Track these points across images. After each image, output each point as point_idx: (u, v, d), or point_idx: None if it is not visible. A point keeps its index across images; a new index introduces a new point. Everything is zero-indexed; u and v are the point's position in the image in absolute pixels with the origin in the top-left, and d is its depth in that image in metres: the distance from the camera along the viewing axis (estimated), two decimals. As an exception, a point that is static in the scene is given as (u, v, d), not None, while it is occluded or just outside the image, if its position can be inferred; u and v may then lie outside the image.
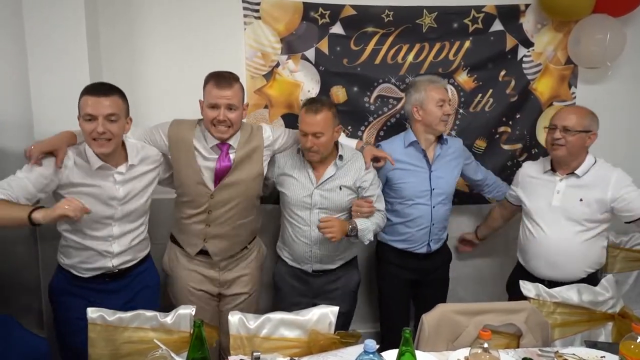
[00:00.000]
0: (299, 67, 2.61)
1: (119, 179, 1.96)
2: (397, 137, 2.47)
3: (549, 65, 2.75)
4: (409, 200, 2.37)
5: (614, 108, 2.84)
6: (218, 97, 2.00)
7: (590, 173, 2.18)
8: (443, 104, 2.32)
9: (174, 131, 2.12)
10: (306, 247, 2.24)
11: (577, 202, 2.17)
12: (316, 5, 2.56)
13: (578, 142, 2.15)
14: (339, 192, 2.19)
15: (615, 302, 2.02)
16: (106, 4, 2.45)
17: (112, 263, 2.02)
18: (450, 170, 2.43)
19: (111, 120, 1.84)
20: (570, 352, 1.71)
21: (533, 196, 2.29)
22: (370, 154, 2.27)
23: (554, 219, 2.20)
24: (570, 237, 2.18)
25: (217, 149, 2.10)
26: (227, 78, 2.03)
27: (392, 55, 2.65)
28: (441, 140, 2.41)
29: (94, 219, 1.94)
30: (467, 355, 1.51)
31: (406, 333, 1.42)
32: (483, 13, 2.66)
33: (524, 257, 2.33)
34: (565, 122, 2.16)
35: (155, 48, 2.53)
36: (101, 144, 1.86)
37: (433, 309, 1.85)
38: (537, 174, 2.31)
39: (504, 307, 1.87)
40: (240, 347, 1.75)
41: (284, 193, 2.24)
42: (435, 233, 2.42)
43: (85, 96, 1.84)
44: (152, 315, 1.77)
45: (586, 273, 2.22)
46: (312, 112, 2.09)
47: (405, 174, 2.36)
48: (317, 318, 1.78)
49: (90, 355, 1.76)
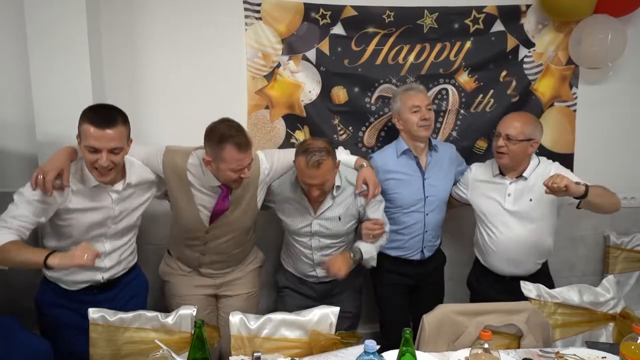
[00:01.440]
0: (300, 67, 2.61)
1: (115, 197, 1.94)
2: (389, 146, 2.47)
3: (550, 66, 2.74)
4: (404, 208, 2.37)
5: (615, 108, 2.85)
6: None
7: (535, 173, 2.27)
8: (418, 110, 2.31)
9: (168, 162, 2.05)
10: (309, 267, 2.25)
11: (528, 203, 2.26)
12: (317, 6, 2.56)
13: (520, 150, 2.22)
14: (338, 222, 2.17)
15: (617, 302, 2.02)
16: (107, 5, 2.45)
17: (102, 277, 2.01)
18: (443, 177, 2.43)
19: (115, 153, 1.81)
20: (571, 353, 1.71)
21: (484, 199, 2.36)
22: (362, 178, 2.17)
23: (507, 220, 2.29)
24: (525, 235, 2.27)
25: (218, 189, 2.04)
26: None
27: (393, 56, 2.65)
28: (431, 147, 2.41)
29: (85, 238, 1.91)
30: (468, 355, 1.51)
31: (406, 333, 1.42)
32: (484, 13, 2.65)
33: (483, 257, 2.40)
34: (508, 130, 2.22)
35: (156, 49, 2.53)
36: (103, 174, 1.84)
37: (434, 309, 1.85)
38: (487, 177, 2.37)
39: (505, 308, 1.87)
40: (241, 347, 1.75)
41: (284, 220, 2.23)
42: (428, 240, 2.42)
43: (87, 125, 1.77)
44: (153, 315, 1.78)
45: (540, 264, 2.35)
46: (315, 168, 1.98)
47: (399, 184, 2.36)
48: (318, 318, 1.79)
49: (91, 355, 1.76)
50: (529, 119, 2.28)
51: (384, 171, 2.36)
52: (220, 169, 1.93)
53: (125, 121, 1.85)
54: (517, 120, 2.24)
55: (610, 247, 2.87)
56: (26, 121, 2.39)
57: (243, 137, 1.91)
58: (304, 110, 2.65)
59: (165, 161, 2.05)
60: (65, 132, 2.18)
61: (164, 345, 1.62)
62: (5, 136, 2.47)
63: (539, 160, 2.31)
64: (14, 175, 2.49)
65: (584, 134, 2.84)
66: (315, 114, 2.64)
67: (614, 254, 2.85)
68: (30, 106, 2.33)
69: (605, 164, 2.87)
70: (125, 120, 1.86)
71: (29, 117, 2.36)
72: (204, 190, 2.05)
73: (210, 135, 1.93)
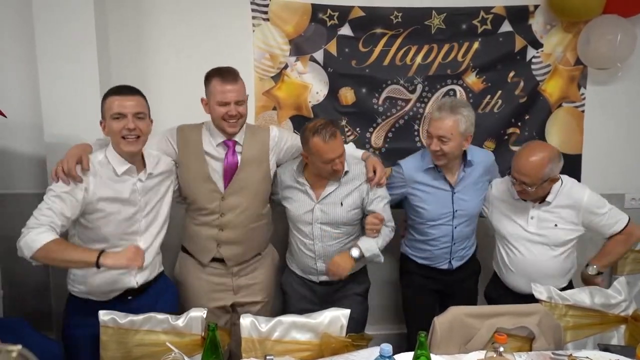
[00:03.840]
0: (307, 68, 2.61)
1: (139, 187, 1.93)
2: (415, 156, 2.34)
3: (558, 66, 2.73)
4: (430, 221, 2.27)
5: (623, 109, 2.84)
6: (226, 92, 2.00)
7: (560, 196, 2.14)
8: (431, 137, 2.15)
9: (182, 135, 2.12)
10: (311, 261, 2.23)
11: (552, 228, 2.15)
12: (324, 7, 2.55)
13: (541, 190, 2.09)
14: (340, 207, 2.15)
15: (628, 304, 2.01)
16: (115, 7, 2.45)
17: (137, 281, 1.96)
18: (476, 191, 2.28)
19: (139, 118, 1.86)
20: (584, 356, 1.70)
21: (506, 221, 2.23)
22: (371, 164, 2.18)
23: (529, 243, 2.18)
24: (547, 258, 2.16)
25: (224, 146, 2.10)
26: (232, 73, 2.03)
27: (400, 57, 2.65)
28: (465, 162, 2.25)
29: (119, 237, 1.89)
30: (482, 358, 1.51)
31: (421, 337, 1.42)
32: (492, 14, 2.65)
33: (501, 274, 2.29)
34: (522, 178, 2.05)
35: (163, 51, 2.53)
36: (131, 141, 1.85)
37: (445, 311, 1.84)
38: (507, 198, 2.24)
39: (517, 310, 1.86)
40: (252, 350, 1.75)
41: (287, 208, 2.23)
42: (456, 251, 2.31)
43: (111, 97, 1.85)
44: (163, 318, 1.77)
45: (566, 282, 2.22)
46: (333, 139, 2.01)
47: (425, 197, 2.25)
48: (329, 321, 1.78)
49: (102, 357, 1.76)
50: (544, 159, 2.02)
51: (411, 180, 2.28)
52: (211, 107, 2.06)
53: (144, 98, 1.92)
54: (530, 166, 2.02)
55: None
56: (34, 123, 2.40)
57: (230, 70, 2.04)
58: (312, 111, 2.65)
59: (178, 137, 2.11)
60: (73, 134, 2.19)
61: (175, 348, 1.62)
62: (14, 138, 2.48)
63: (562, 181, 2.14)
64: (22, 176, 2.50)
65: (592, 134, 2.83)
66: (322, 115, 2.63)
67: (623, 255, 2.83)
68: (38, 108, 2.33)
69: (613, 164, 2.87)
70: (145, 98, 1.92)
71: (37, 118, 2.36)
72: (216, 155, 2.10)
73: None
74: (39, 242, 1.67)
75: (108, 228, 1.87)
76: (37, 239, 1.68)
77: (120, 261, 1.70)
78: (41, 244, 1.67)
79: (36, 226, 1.71)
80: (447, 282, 2.36)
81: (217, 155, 2.10)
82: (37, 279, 2.51)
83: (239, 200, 2.12)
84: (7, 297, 2.33)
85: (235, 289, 2.23)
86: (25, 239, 1.69)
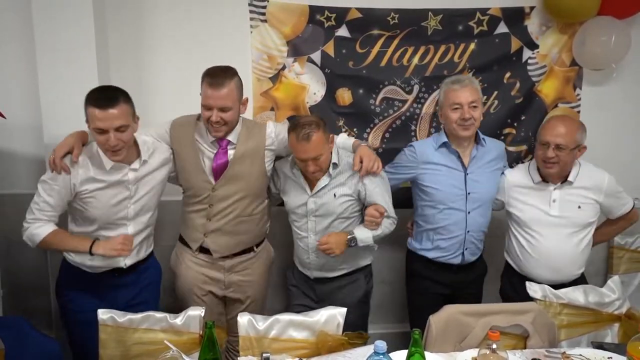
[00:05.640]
0: (305, 69, 2.63)
1: (132, 176, 1.98)
2: (429, 137, 2.39)
3: (554, 67, 2.75)
4: (441, 204, 2.22)
5: (618, 110, 2.85)
6: (210, 98, 1.99)
7: (580, 176, 2.18)
8: (459, 107, 2.15)
9: (176, 126, 2.15)
10: (305, 254, 2.23)
11: (576, 210, 2.17)
12: (322, 8, 2.57)
13: (570, 158, 2.13)
14: (333, 200, 2.14)
15: (622, 303, 2.03)
16: (114, 9, 2.47)
17: (125, 263, 2.05)
18: (488, 174, 2.25)
19: (121, 131, 1.86)
20: (577, 353, 1.72)
21: (526, 207, 2.22)
22: (358, 155, 2.14)
23: (551, 227, 2.18)
24: (568, 241, 2.18)
25: (217, 144, 2.12)
26: (221, 77, 1.99)
27: (397, 58, 2.67)
28: (478, 140, 2.25)
29: (108, 221, 1.98)
30: (475, 356, 1.52)
31: (415, 334, 1.43)
32: (488, 15, 2.67)
33: (520, 265, 2.26)
34: (557, 140, 2.09)
35: (162, 51, 2.55)
36: (115, 153, 1.90)
37: (440, 310, 1.86)
38: (527, 183, 2.24)
39: (511, 308, 1.88)
40: (249, 347, 1.76)
41: (285, 200, 2.25)
42: (470, 242, 2.25)
43: (91, 107, 1.84)
44: (162, 316, 1.79)
45: (580, 270, 2.25)
46: (305, 141, 1.99)
47: (437, 177, 2.22)
48: (326, 319, 1.80)
49: (101, 356, 1.78)
50: (576, 123, 2.16)
51: (423, 162, 2.25)
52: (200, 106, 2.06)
53: (127, 99, 1.91)
54: (564, 127, 2.10)
55: (614, 248, 2.88)
56: (34, 124, 2.42)
57: (221, 73, 2.00)
58: (309, 111, 2.66)
59: (172, 127, 2.15)
60: (73, 134, 2.20)
61: (173, 346, 1.63)
62: (13, 139, 2.49)
63: (579, 162, 2.20)
64: (22, 177, 2.52)
65: (588, 135, 2.83)
66: (320, 115, 2.65)
67: (618, 254, 2.86)
68: (37, 109, 2.35)
69: (608, 165, 2.85)
70: (127, 98, 1.91)
71: (36, 119, 2.38)
72: (208, 149, 2.12)
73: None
74: (39, 236, 1.94)
75: (97, 211, 1.96)
76: (36, 232, 1.94)
77: (110, 252, 1.93)
78: (41, 237, 1.94)
79: (34, 221, 1.94)
80: (455, 284, 2.32)
81: (209, 151, 2.13)
82: (37, 278, 2.52)
83: (229, 193, 2.13)
84: (7, 295, 2.35)
85: (227, 285, 2.25)
86: (26, 234, 1.95)
